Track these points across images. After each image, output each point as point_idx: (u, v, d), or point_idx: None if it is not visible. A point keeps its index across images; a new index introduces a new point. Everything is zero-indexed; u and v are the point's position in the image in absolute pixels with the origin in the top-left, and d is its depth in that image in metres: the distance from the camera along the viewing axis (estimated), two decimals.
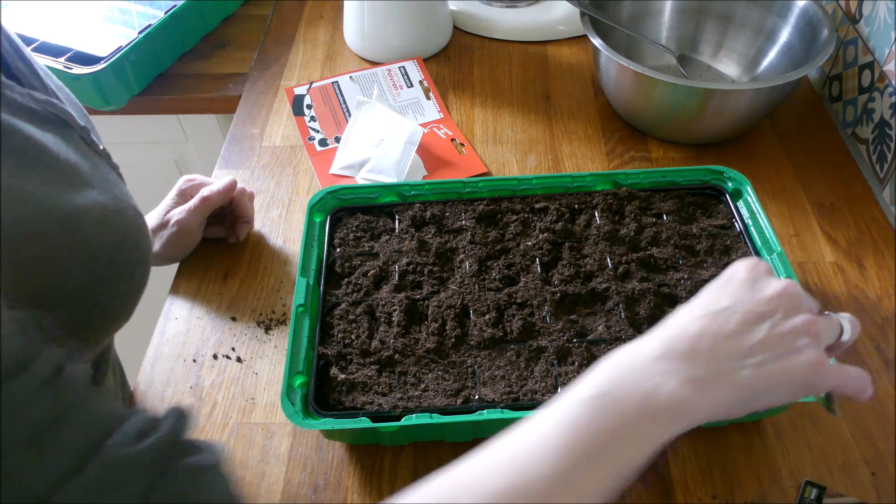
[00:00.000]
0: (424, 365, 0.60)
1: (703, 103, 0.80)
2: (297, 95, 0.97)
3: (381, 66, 1.00)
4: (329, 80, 0.99)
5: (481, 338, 0.61)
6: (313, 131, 0.92)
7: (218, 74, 1.02)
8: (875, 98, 0.82)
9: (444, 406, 0.57)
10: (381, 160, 0.84)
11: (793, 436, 0.61)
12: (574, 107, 0.95)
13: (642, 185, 0.73)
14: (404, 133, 0.85)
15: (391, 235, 0.70)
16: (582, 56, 1.04)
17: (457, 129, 0.90)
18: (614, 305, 0.63)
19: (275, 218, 0.82)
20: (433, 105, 0.95)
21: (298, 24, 1.12)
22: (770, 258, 0.65)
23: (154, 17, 0.98)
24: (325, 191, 0.72)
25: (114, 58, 0.91)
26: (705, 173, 0.73)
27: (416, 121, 0.92)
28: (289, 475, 0.60)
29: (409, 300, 0.64)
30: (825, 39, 0.81)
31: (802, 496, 0.57)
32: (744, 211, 0.70)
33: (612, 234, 0.69)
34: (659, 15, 0.98)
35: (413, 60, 1.00)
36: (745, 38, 0.94)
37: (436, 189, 0.73)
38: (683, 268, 0.66)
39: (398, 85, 0.98)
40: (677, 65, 0.94)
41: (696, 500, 0.58)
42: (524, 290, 0.64)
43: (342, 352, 0.61)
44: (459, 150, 0.88)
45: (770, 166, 0.85)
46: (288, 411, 0.55)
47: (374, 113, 0.90)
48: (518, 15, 1.07)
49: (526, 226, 0.70)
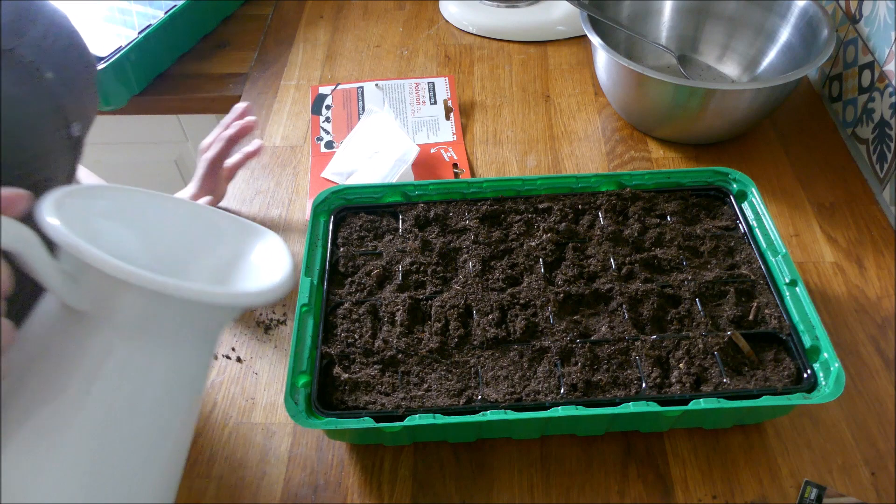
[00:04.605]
0: (427, 365, 0.60)
1: (703, 103, 0.80)
2: (319, 94, 0.97)
3: (410, 79, 0.99)
4: (355, 85, 0.99)
5: (484, 338, 0.61)
6: (324, 132, 0.92)
7: (218, 74, 1.02)
8: (875, 98, 0.82)
9: (447, 406, 0.57)
10: (367, 173, 0.83)
11: (793, 436, 0.61)
12: (574, 107, 0.95)
13: (646, 185, 0.73)
14: (399, 150, 0.84)
15: (395, 235, 0.70)
16: (582, 56, 1.04)
17: (464, 155, 0.88)
18: (618, 306, 0.63)
19: (275, 218, 0.82)
20: (450, 126, 0.93)
21: (298, 24, 1.12)
22: (775, 260, 0.65)
23: (154, 17, 0.98)
24: (330, 190, 0.72)
25: (114, 58, 0.91)
26: (710, 174, 0.73)
27: (429, 139, 0.91)
28: (289, 475, 0.60)
29: (412, 300, 0.64)
30: (825, 39, 0.81)
31: (802, 496, 0.57)
32: (748, 212, 0.70)
33: (616, 234, 0.69)
34: (659, 15, 0.98)
35: (445, 78, 0.99)
36: (745, 38, 0.95)
37: (440, 189, 0.73)
38: (687, 269, 0.66)
39: (422, 100, 0.96)
40: (677, 65, 0.94)
41: (696, 500, 0.58)
42: (527, 290, 0.64)
43: (345, 351, 0.61)
44: (456, 176, 0.86)
45: (770, 166, 0.85)
46: (291, 411, 0.55)
47: (378, 123, 0.89)
48: (518, 15, 1.07)
49: (529, 226, 0.70)
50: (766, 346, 0.61)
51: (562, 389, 0.57)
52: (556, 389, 0.58)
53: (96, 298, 0.38)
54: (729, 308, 0.62)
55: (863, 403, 0.63)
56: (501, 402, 0.57)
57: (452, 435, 0.60)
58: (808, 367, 0.58)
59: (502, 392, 0.58)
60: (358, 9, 1.15)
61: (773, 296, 0.63)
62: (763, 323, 0.62)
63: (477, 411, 0.56)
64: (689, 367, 0.59)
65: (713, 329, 0.61)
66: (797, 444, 0.61)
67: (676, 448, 0.61)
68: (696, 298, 0.63)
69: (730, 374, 0.58)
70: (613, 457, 0.60)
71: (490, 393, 0.58)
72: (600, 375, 0.58)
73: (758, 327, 0.61)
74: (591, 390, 0.58)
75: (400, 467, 0.60)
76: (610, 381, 0.58)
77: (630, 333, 0.61)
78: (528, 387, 0.58)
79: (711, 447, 0.61)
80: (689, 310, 0.63)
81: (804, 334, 0.59)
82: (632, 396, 0.57)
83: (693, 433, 0.62)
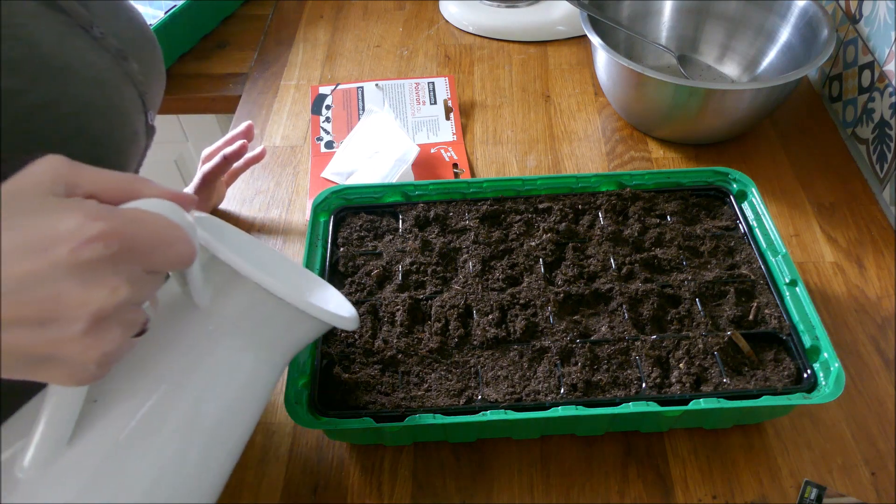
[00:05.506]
0: (427, 365, 0.60)
1: (703, 103, 0.80)
2: (320, 94, 0.97)
3: (410, 79, 0.99)
4: (355, 85, 0.99)
5: (484, 338, 0.61)
6: (324, 132, 0.92)
7: (218, 74, 1.02)
8: (875, 98, 0.82)
9: (447, 406, 0.57)
10: (367, 173, 0.83)
11: (793, 436, 0.61)
12: (574, 107, 0.95)
13: (646, 185, 0.73)
14: (399, 150, 0.84)
15: (395, 235, 0.70)
16: (582, 56, 1.04)
17: (464, 155, 0.88)
18: (618, 306, 0.63)
19: (275, 218, 0.82)
20: (450, 126, 0.93)
21: (298, 24, 1.12)
22: (775, 260, 0.65)
23: (154, 17, 0.98)
24: (330, 190, 0.72)
25: None
26: (710, 174, 0.73)
27: (429, 139, 0.91)
28: (289, 475, 0.60)
29: (412, 300, 0.64)
30: (825, 39, 0.81)
31: (802, 496, 0.57)
32: (748, 212, 0.70)
33: (616, 234, 0.69)
34: (659, 15, 0.98)
35: (445, 78, 0.99)
36: (745, 38, 0.95)
37: (440, 189, 0.73)
38: (687, 269, 0.66)
39: (422, 100, 0.96)
40: (677, 65, 0.94)
41: (696, 500, 0.58)
42: (527, 290, 0.64)
43: (345, 351, 0.61)
44: (456, 177, 0.87)
45: (770, 166, 0.85)
46: (291, 411, 0.55)
47: (378, 123, 0.89)
48: (518, 15, 1.07)
49: (529, 226, 0.70)
50: (766, 346, 0.61)
51: (562, 389, 0.57)
52: (556, 389, 0.58)
53: (214, 296, 0.42)
54: (729, 308, 0.62)
55: (863, 403, 0.63)
56: (501, 402, 0.57)
57: (452, 435, 0.60)
58: (808, 367, 0.58)
59: (502, 392, 0.58)
60: (358, 9, 1.15)
61: (773, 296, 0.63)
62: (763, 323, 0.62)
63: (477, 411, 0.56)
64: (689, 367, 0.59)
65: (713, 329, 0.61)
66: (797, 444, 0.61)
67: (676, 448, 0.61)
68: (696, 298, 0.63)
69: (730, 374, 0.58)
70: (613, 457, 0.60)
71: (490, 393, 0.58)
72: (600, 375, 0.58)
73: (758, 327, 0.61)
74: (591, 390, 0.58)
75: (400, 467, 0.60)
76: (610, 381, 0.58)
77: (630, 333, 0.61)
78: (528, 387, 0.58)
79: (711, 447, 0.61)
80: (689, 310, 0.63)
81: (804, 334, 0.59)
82: (632, 396, 0.57)
83: (693, 433, 0.62)
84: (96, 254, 0.30)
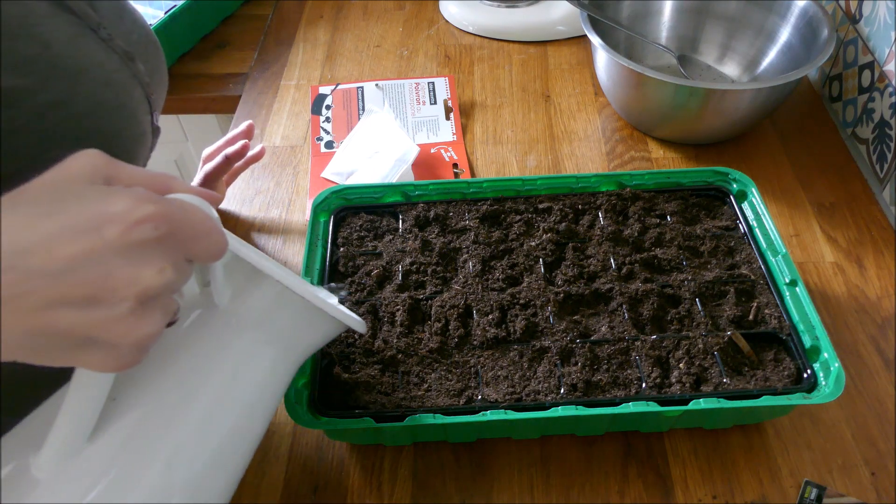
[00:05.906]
0: (427, 365, 0.60)
1: (703, 103, 0.80)
2: (320, 94, 0.97)
3: (410, 79, 0.99)
4: (355, 85, 0.99)
5: (484, 338, 0.61)
6: (324, 132, 0.92)
7: (218, 74, 1.02)
8: (875, 98, 0.82)
9: (447, 406, 0.57)
10: (367, 173, 0.83)
11: (793, 436, 0.61)
12: (574, 107, 0.95)
13: (646, 185, 0.73)
14: (399, 150, 0.84)
15: (395, 235, 0.70)
16: (582, 56, 1.04)
17: (464, 155, 0.88)
18: (618, 306, 0.63)
19: (275, 218, 0.82)
20: (450, 126, 0.93)
21: (298, 24, 1.12)
22: (775, 260, 0.65)
23: (154, 17, 0.98)
24: (330, 190, 0.72)
25: None
26: (710, 174, 0.73)
27: (429, 139, 0.91)
28: (289, 475, 0.60)
29: (412, 300, 0.64)
30: (825, 39, 0.81)
31: (802, 496, 0.57)
32: (748, 212, 0.70)
33: (616, 234, 0.69)
34: (659, 15, 0.98)
35: (445, 78, 0.99)
36: (746, 38, 0.95)
37: (440, 189, 0.73)
38: (687, 269, 0.66)
39: (422, 100, 0.96)
40: (677, 65, 0.94)
41: (696, 500, 0.58)
42: (527, 290, 0.64)
43: (345, 351, 0.61)
44: (456, 177, 0.87)
45: (770, 166, 0.85)
46: (291, 411, 0.55)
47: (378, 123, 0.89)
48: (518, 15, 1.08)
49: (529, 226, 0.70)
50: (766, 346, 0.61)
51: (562, 389, 0.57)
52: (556, 389, 0.58)
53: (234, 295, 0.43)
54: (729, 308, 0.62)
55: (863, 403, 0.63)
56: (501, 402, 0.57)
57: (452, 435, 0.60)
58: (808, 367, 0.58)
59: (502, 392, 0.58)
60: (358, 9, 1.15)
61: (773, 296, 0.63)
62: (763, 323, 0.62)
63: (477, 411, 0.56)
64: (689, 367, 0.59)
65: (713, 329, 0.61)
66: (797, 444, 0.61)
67: (676, 448, 0.61)
68: (696, 298, 0.63)
69: (730, 374, 0.58)
70: (613, 457, 0.60)
71: (490, 393, 0.58)
72: (600, 375, 0.58)
73: (758, 327, 0.61)
74: (591, 390, 0.58)
75: (400, 467, 0.60)
76: (610, 381, 0.58)
77: (630, 333, 0.61)
78: (528, 387, 0.58)
79: (711, 447, 0.61)
80: (689, 310, 0.63)
81: (804, 334, 0.59)
82: (632, 396, 0.57)
83: (693, 433, 0.62)
84: (146, 235, 0.31)
